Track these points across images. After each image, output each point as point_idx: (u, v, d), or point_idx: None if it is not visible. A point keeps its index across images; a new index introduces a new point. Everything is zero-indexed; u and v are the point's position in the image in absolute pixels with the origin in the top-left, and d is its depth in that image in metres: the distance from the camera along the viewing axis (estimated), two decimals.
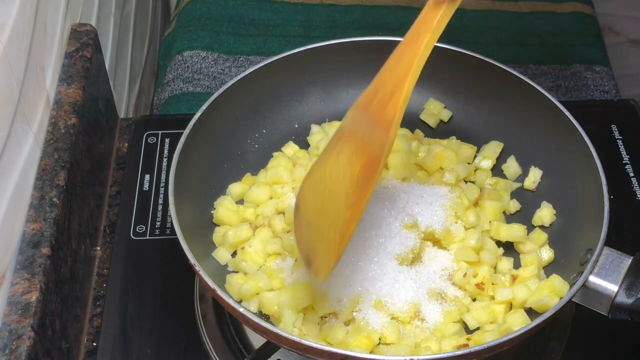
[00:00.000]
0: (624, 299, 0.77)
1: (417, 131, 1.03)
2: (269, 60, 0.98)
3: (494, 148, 1.00)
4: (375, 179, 0.72)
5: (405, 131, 1.01)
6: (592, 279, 0.78)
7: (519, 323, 0.81)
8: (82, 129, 1.00)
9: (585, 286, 0.78)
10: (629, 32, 1.82)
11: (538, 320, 0.75)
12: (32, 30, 0.91)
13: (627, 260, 0.79)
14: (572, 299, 0.78)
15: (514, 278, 0.88)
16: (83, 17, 1.12)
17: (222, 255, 0.90)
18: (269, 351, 0.83)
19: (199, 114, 0.91)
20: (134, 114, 1.47)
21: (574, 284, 0.78)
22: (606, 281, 0.78)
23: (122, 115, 1.27)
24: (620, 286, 0.77)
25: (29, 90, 0.89)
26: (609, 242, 0.81)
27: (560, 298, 0.80)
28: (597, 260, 0.79)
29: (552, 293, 0.82)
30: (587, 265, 0.78)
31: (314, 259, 0.77)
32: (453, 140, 1.01)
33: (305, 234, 0.78)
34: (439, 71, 1.01)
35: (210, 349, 0.90)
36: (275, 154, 0.99)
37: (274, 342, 0.77)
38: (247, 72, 0.96)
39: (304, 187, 0.78)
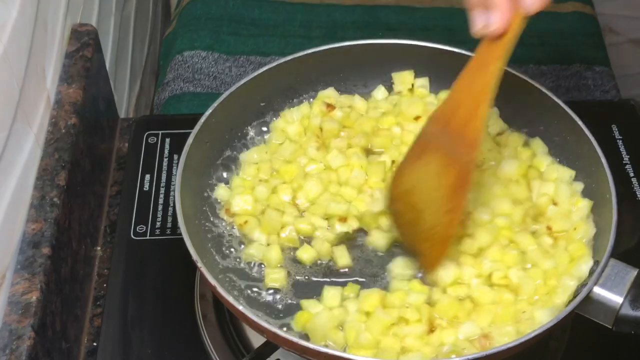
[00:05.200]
0: (628, 311, 0.76)
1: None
2: (281, 61, 0.98)
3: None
4: (466, 189, 0.80)
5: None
6: (597, 290, 0.77)
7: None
8: (83, 129, 1.00)
9: (589, 297, 0.77)
10: (629, 32, 1.82)
11: (548, 325, 0.75)
12: (32, 30, 0.91)
13: (633, 273, 0.78)
14: (576, 310, 0.77)
15: None
16: (83, 17, 1.13)
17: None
18: (268, 351, 0.83)
19: (210, 110, 0.92)
20: (135, 113, 1.47)
21: (578, 294, 0.77)
22: (611, 292, 0.77)
23: (122, 115, 1.27)
24: (625, 298, 0.76)
25: (30, 90, 0.89)
26: None
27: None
28: (602, 272, 0.78)
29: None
30: (592, 276, 0.78)
31: (420, 255, 0.85)
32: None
33: (408, 233, 0.86)
34: (439, 72, 1.01)
35: (210, 349, 0.90)
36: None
37: (272, 342, 0.78)
38: (257, 73, 0.96)
39: (394, 190, 0.86)
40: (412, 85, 1.02)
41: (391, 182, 0.86)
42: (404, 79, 1.02)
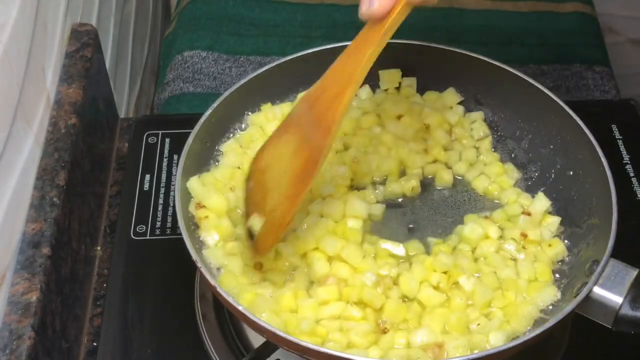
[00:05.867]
0: (628, 311, 0.76)
1: None
2: (281, 61, 0.98)
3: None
4: (311, 177, 0.74)
5: None
6: (597, 290, 0.77)
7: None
8: (83, 129, 1.00)
9: (589, 297, 0.77)
10: (629, 32, 1.83)
11: (542, 329, 0.75)
12: (32, 30, 0.91)
13: (633, 273, 0.78)
14: (576, 310, 0.77)
15: None
16: (83, 17, 1.13)
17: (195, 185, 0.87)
18: (268, 351, 0.83)
19: (210, 110, 0.92)
20: (135, 113, 1.47)
21: (578, 294, 0.77)
22: (611, 293, 0.77)
23: (122, 115, 1.27)
24: (625, 298, 0.76)
25: (29, 90, 0.89)
26: None
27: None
28: (602, 272, 0.78)
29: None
30: (593, 276, 0.77)
31: (255, 235, 0.79)
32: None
33: (250, 209, 0.80)
34: (439, 72, 1.01)
35: (210, 349, 0.90)
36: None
37: (271, 342, 0.78)
38: (257, 73, 0.96)
39: (252, 166, 0.81)
40: (399, 84, 1.02)
41: (253, 158, 0.82)
42: (391, 77, 1.02)
